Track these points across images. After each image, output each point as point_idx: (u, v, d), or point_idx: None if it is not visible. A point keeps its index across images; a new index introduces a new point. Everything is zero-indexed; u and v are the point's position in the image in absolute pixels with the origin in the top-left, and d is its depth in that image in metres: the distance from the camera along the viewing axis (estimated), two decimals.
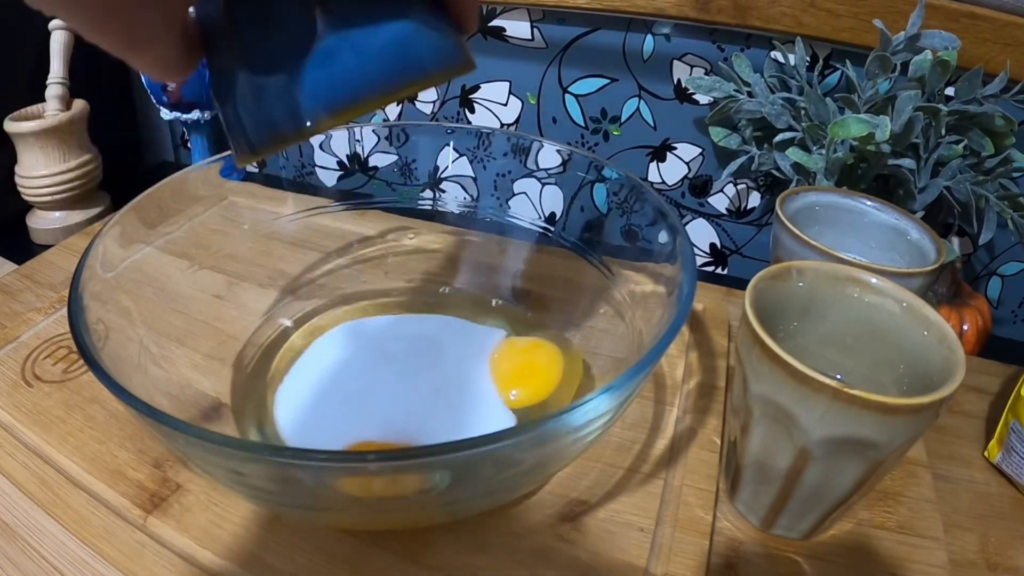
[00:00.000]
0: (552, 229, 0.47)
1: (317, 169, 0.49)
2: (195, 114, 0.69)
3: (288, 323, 0.44)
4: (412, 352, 0.40)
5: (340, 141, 0.48)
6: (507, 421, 0.36)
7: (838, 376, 0.33)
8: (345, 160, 0.50)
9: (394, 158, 0.50)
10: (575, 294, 0.45)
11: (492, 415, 0.37)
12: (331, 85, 0.20)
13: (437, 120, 0.67)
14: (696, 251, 0.64)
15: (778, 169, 0.51)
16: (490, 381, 0.39)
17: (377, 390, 0.38)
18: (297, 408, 0.37)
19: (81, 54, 0.64)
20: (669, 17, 0.52)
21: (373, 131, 0.50)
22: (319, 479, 0.28)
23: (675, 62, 0.56)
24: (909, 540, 0.33)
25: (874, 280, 0.33)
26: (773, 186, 0.59)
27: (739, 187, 0.60)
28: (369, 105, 0.21)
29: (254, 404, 0.38)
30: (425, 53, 0.21)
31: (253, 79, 0.21)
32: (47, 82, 0.61)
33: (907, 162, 0.46)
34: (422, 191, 0.51)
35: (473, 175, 0.50)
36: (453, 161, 0.49)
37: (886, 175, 0.48)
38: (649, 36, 0.56)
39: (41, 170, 0.60)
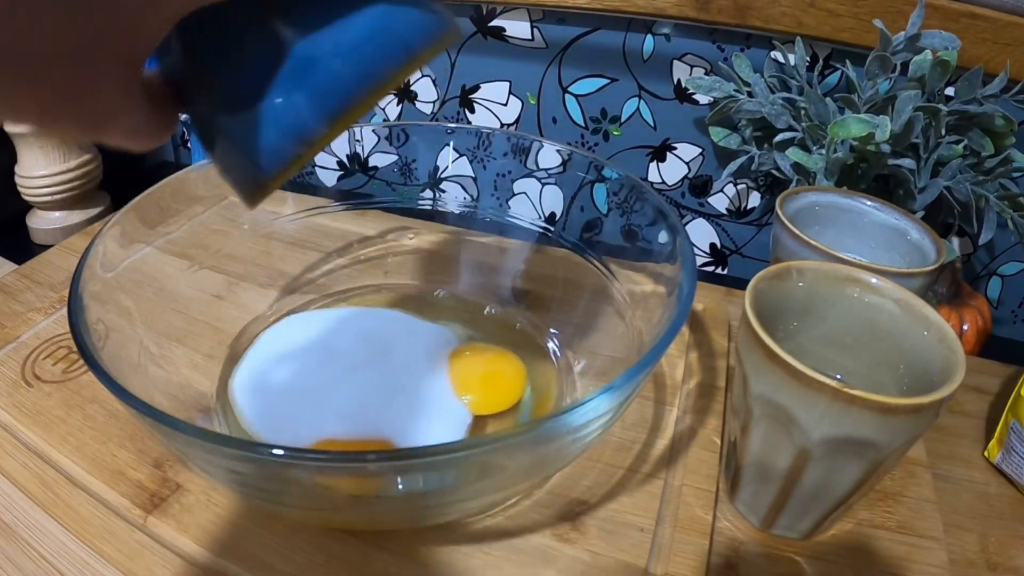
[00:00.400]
0: (552, 229, 0.47)
1: (317, 169, 0.50)
2: None
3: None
4: (363, 347, 0.40)
5: (340, 141, 0.48)
6: (464, 421, 0.36)
7: (838, 376, 0.33)
8: (345, 160, 0.50)
9: (394, 158, 0.50)
10: (575, 294, 0.45)
11: (449, 416, 0.36)
12: (318, 97, 0.19)
13: (437, 120, 0.67)
14: (696, 251, 0.64)
15: (778, 169, 0.51)
16: (447, 382, 0.38)
17: (332, 384, 0.37)
18: (259, 400, 0.37)
19: None
20: (669, 17, 0.52)
21: (373, 131, 0.50)
22: (317, 479, 0.28)
23: (675, 62, 0.56)
24: (909, 540, 0.33)
25: (874, 280, 0.33)
26: (773, 186, 0.59)
27: (739, 187, 0.60)
28: (366, 103, 0.19)
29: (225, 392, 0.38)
30: (406, 32, 0.19)
31: (234, 118, 0.19)
32: None
33: (907, 162, 0.46)
34: (422, 191, 0.51)
35: (473, 175, 0.50)
36: (453, 161, 0.49)
37: (886, 175, 0.48)
38: (649, 36, 0.56)
39: (41, 170, 0.60)
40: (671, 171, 0.61)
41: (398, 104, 0.69)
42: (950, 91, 0.46)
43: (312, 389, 0.37)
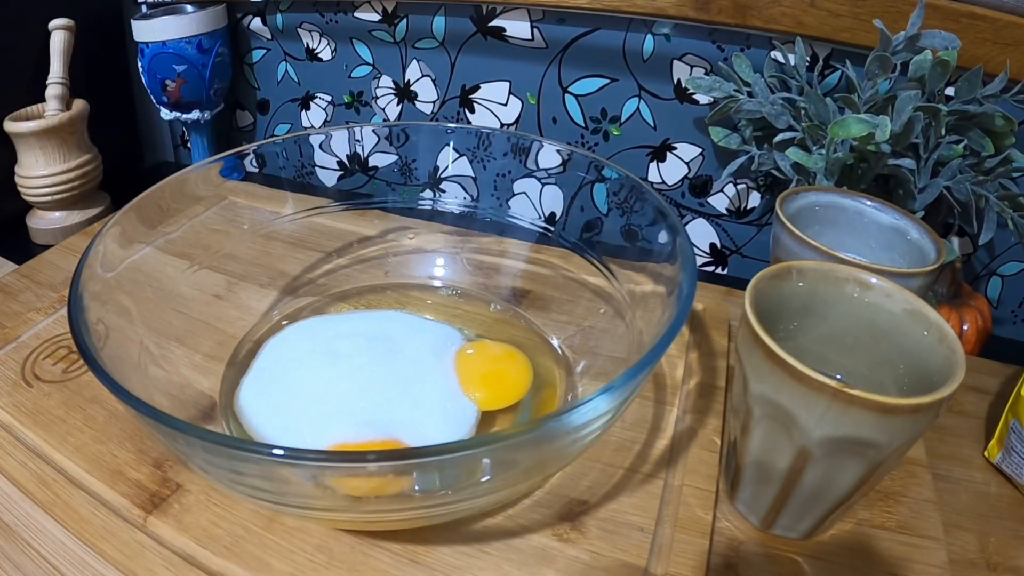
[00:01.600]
0: (552, 229, 0.47)
1: (317, 169, 0.49)
2: (195, 114, 0.69)
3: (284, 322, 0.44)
4: (368, 348, 0.40)
5: (340, 141, 0.48)
6: (472, 418, 0.36)
7: (838, 376, 0.33)
8: (345, 160, 0.50)
9: (394, 158, 0.50)
10: (575, 294, 0.45)
11: (457, 413, 0.36)
12: None
13: (437, 120, 0.67)
14: (696, 251, 0.64)
15: (778, 169, 0.51)
16: (454, 379, 0.38)
17: (340, 388, 0.37)
18: (268, 410, 0.36)
19: (81, 54, 0.64)
20: (669, 17, 0.52)
21: (373, 131, 0.50)
22: (318, 479, 0.28)
23: (675, 62, 0.56)
24: (909, 540, 0.33)
25: (874, 280, 0.33)
26: (773, 186, 0.59)
27: (739, 187, 0.60)
28: None
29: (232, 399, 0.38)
30: None
31: None
32: (47, 82, 0.61)
33: (907, 162, 0.45)
34: (422, 191, 0.51)
35: (473, 175, 0.50)
36: (453, 161, 0.49)
37: (886, 175, 0.48)
38: (649, 36, 0.56)
39: (41, 170, 0.60)
40: (671, 171, 0.61)
41: (398, 104, 0.69)
42: (950, 91, 0.46)
43: (320, 395, 0.37)
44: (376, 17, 0.65)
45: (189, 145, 0.76)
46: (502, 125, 0.65)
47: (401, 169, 0.51)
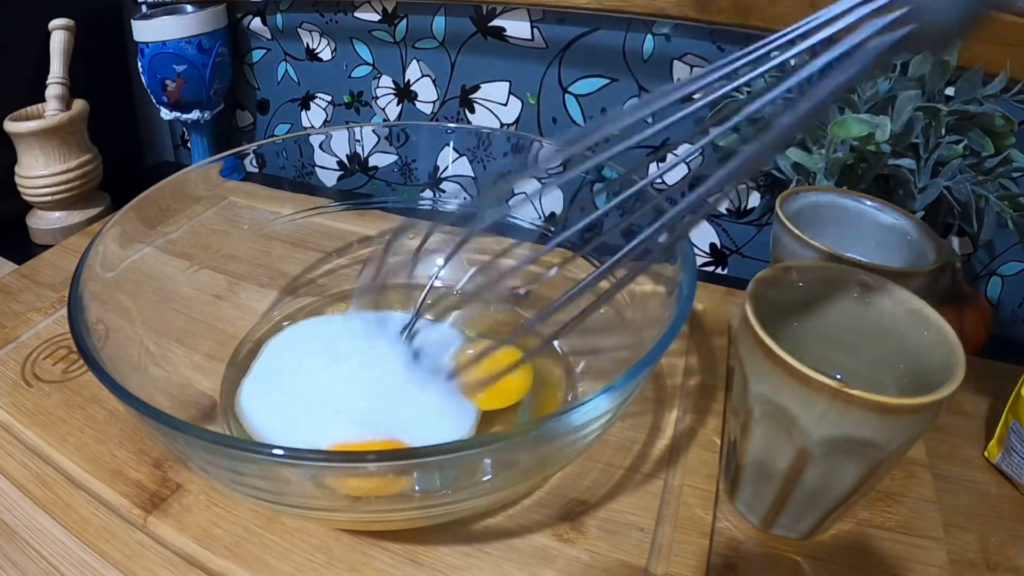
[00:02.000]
0: (552, 229, 0.47)
1: (317, 169, 0.50)
2: (195, 114, 0.69)
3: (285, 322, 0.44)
4: (368, 348, 0.39)
5: (340, 141, 0.48)
6: (471, 417, 0.36)
7: (838, 376, 0.33)
8: (345, 160, 0.50)
9: (394, 158, 0.50)
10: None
11: (457, 413, 0.36)
12: None
13: (437, 120, 0.67)
14: (696, 251, 0.64)
15: (778, 169, 0.51)
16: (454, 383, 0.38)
17: (340, 389, 0.37)
18: (268, 410, 0.36)
19: (81, 54, 0.64)
20: (669, 17, 0.52)
21: (373, 131, 0.50)
22: (318, 479, 0.28)
23: (675, 62, 0.56)
24: (909, 540, 0.33)
25: (874, 280, 0.33)
26: (773, 186, 0.58)
27: (739, 187, 0.60)
28: None
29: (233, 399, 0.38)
30: None
31: None
32: (47, 82, 0.61)
33: (907, 162, 0.45)
34: (422, 191, 0.51)
35: (473, 175, 0.50)
36: (453, 161, 0.49)
37: (886, 175, 0.48)
38: (649, 36, 0.56)
39: (41, 170, 0.60)
40: (671, 171, 0.61)
41: (398, 104, 0.69)
42: (950, 91, 0.46)
43: (320, 395, 0.37)
44: (376, 17, 0.65)
45: (189, 145, 0.76)
46: (502, 125, 0.65)
47: (401, 169, 0.51)
